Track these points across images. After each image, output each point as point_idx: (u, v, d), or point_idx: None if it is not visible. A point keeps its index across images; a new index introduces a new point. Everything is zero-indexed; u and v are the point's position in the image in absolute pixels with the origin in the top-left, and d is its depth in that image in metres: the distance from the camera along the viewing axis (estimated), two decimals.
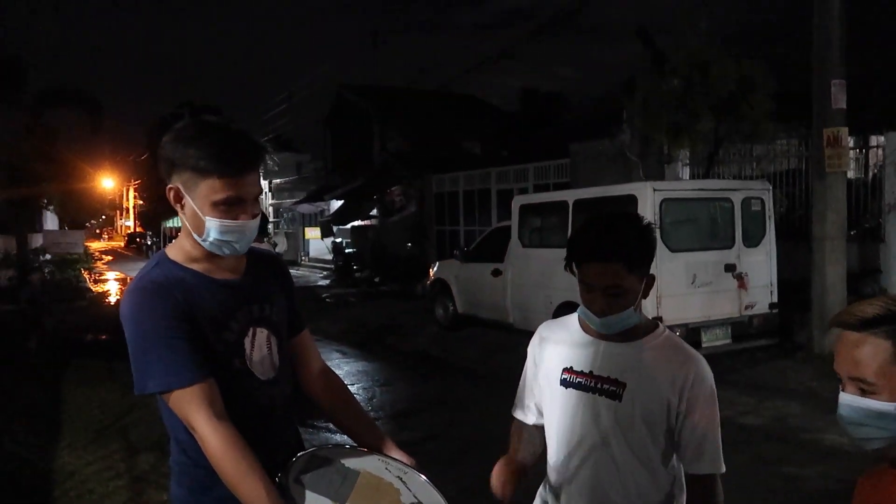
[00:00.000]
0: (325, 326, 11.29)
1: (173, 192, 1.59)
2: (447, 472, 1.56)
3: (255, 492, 1.44)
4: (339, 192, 22.08)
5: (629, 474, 1.74)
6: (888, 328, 1.15)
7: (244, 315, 1.65)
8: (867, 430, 1.17)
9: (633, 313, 1.71)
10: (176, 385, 1.49)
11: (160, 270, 1.61)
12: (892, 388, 1.15)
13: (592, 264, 1.67)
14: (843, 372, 1.19)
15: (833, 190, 7.68)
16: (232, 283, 1.67)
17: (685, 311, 6.97)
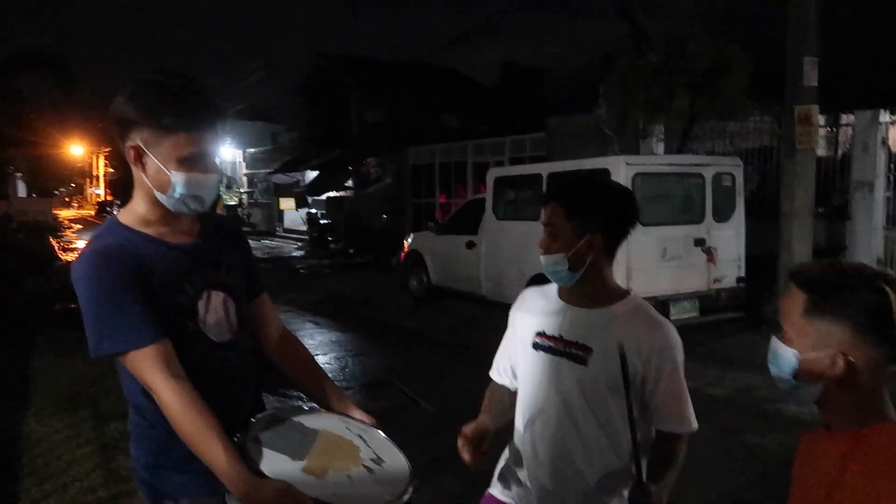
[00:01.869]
0: (298, 297, 11.27)
1: (133, 150, 1.57)
2: (418, 442, 1.59)
3: (212, 449, 1.45)
4: (314, 162, 21.89)
5: (591, 438, 1.79)
6: (809, 283, 1.20)
7: (198, 278, 1.65)
8: (773, 370, 1.27)
9: (565, 261, 1.77)
10: (131, 346, 1.50)
11: (111, 235, 1.60)
12: (800, 340, 1.22)
13: (548, 203, 1.82)
14: (779, 317, 1.26)
15: (802, 167, 7.80)
16: (186, 246, 1.66)
17: (655, 285, 7.07)
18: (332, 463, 1.58)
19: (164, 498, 1.62)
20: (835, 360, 1.18)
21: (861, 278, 1.18)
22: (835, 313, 1.18)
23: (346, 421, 1.77)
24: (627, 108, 10.55)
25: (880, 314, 1.15)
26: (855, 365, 1.17)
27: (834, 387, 1.20)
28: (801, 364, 1.21)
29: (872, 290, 1.16)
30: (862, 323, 1.16)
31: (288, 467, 1.52)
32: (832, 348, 1.18)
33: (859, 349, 1.17)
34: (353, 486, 1.53)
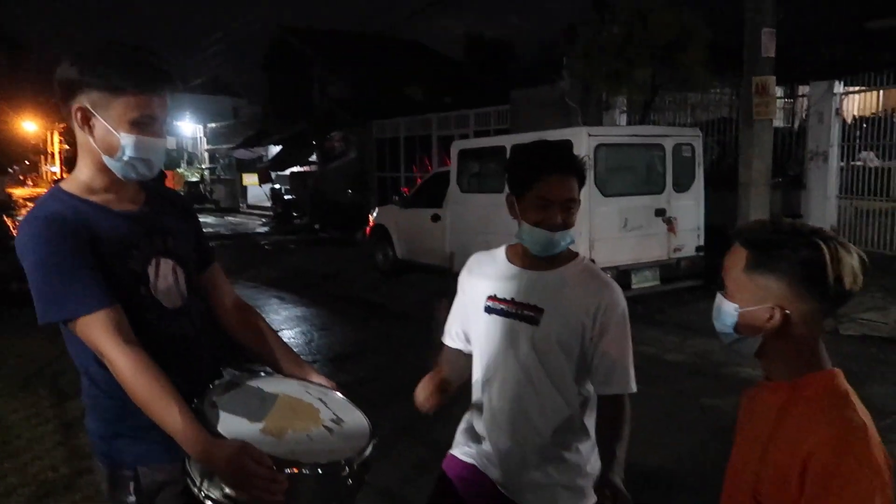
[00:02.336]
0: (263, 273, 11.18)
1: (80, 112, 1.54)
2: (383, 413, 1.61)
3: (168, 411, 1.44)
4: (277, 137, 21.57)
5: (545, 395, 1.83)
6: (750, 240, 1.25)
7: (146, 245, 1.64)
8: (717, 324, 1.34)
9: (573, 233, 1.81)
10: (81, 312, 1.47)
11: (56, 202, 1.57)
12: (740, 295, 1.27)
13: (554, 177, 1.74)
14: (722, 274, 1.30)
15: (760, 137, 7.95)
16: (132, 213, 1.64)
17: (616, 254, 7.18)
18: (291, 424, 1.58)
19: (122, 468, 1.61)
20: (772, 313, 1.23)
21: (798, 235, 1.22)
22: (773, 268, 1.23)
23: (305, 385, 1.78)
24: (590, 79, 10.60)
25: (815, 269, 1.19)
26: (791, 317, 1.22)
27: (772, 339, 1.26)
28: (741, 317, 1.27)
29: (808, 246, 1.20)
30: (798, 277, 1.21)
31: (246, 429, 1.52)
32: (770, 302, 1.23)
33: (795, 303, 1.22)
34: (312, 444, 1.54)
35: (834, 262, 1.18)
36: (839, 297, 1.21)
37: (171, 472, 1.58)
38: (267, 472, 1.38)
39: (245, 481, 1.38)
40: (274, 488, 1.38)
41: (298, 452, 1.47)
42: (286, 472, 1.40)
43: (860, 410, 1.18)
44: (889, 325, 6.60)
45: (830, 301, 1.22)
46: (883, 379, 5.27)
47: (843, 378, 1.24)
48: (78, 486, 3.51)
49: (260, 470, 1.37)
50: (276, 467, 1.40)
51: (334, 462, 1.48)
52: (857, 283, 1.20)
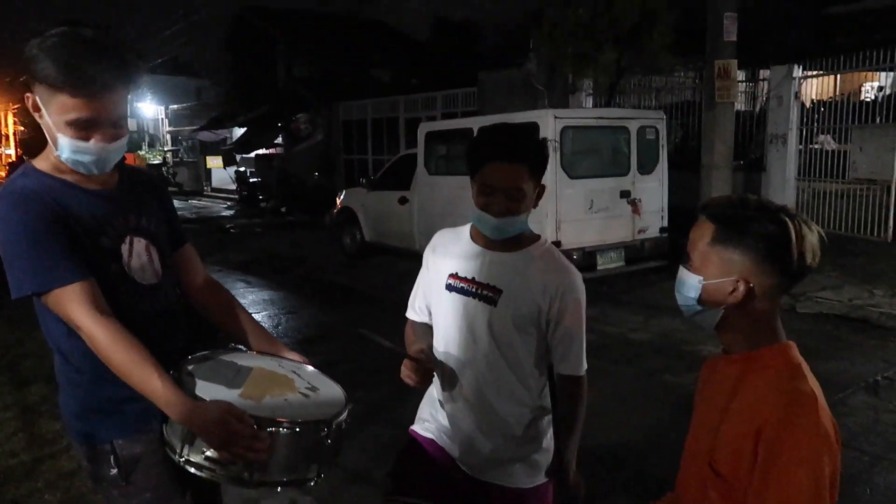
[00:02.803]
0: (229, 257, 11.04)
1: (31, 101, 1.53)
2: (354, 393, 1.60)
3: (147, 376, 1.45)
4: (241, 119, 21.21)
5: (502, 374, 1.86)
6: (717, 214, 1.28)
7: (120, 223, 1.64)
8: (679, 297, 1.36)
9: (526, 220, 1.80)
10: (55, 284, 1.47)
11: (28, 179, 1.56)
12: (704, 268, 1.30)
13: (497, 164, 1.73)
14: (686, 248, 1.33)
15: (721, 120, 8.09)
16: (104, 192, 1.64)
17: (582, 236, 7.27)
18: (268, 390, 1.62)
19: (99, 442, 1.62)
20: (736, 286, 1.26)
21: (764, 212, 1.26)
22: (738, 242, 1.26)
23: (278, 360, 1.81)
24: (556, 62, 10.63)
25: (780, 245, 1.23)
26: (754, 290, 1.26)
27: (733, 312, 1.30)
28: (705, 289, 1.30)
29: (774, 221, 1.24)
30: (762, 252, 1.24)
31: (225, 394, 1.54)
32: (734, 275, 1.27)
33: (758, 276, 1.26)
34: (290, 407, 1.58)
35: (798, 239, 1.22)
36: (800, 273, 1.25)
37: (148, 442, 1.61)
38: (249, 431, 1.41)
39: (228, 440, 1.40)
40: (256, 446, 1.41)
41: (278, 413, 1.51)
42: (267, 431, 1.44)
43: (811, 381, 1.23)
44: (843, 304, 6.81)
45: (791, 276, 1.26)
46: (837, 355, 5.45)
47: (796, 351, 1.29)
48: (39, 472, 3.46)
49: (243, 428, 1.40)
50: (257, 426, 1.43)
51: (313, 421, 1.52)
52: (815, 259, 1.24)
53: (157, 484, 1.62)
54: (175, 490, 1.65)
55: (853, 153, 8.95)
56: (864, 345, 5.77)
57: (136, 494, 1.62)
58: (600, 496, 2.81)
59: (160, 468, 1.61)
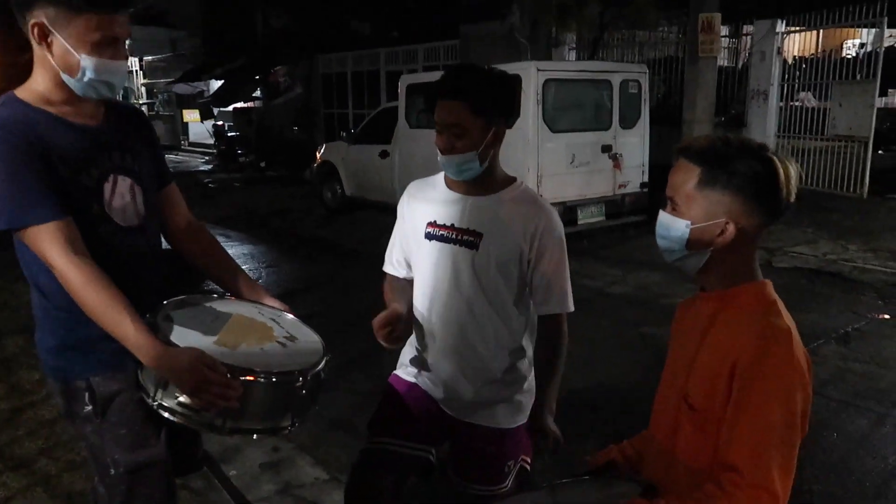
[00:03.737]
0: (208, 212, 10.89)
1: (38, 28, 1.46)
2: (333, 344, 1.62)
3: (120, 319, 1.44)
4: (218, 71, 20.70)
5: (486, 319, 1.87)
6: (701, 155, 1.26)
7: (104, 160, 1.60)
8: (665, 242, 1.33)
9: (475, 158, 1.77)
10: (31, 221, 1.44)
11: (8, 110, 1.51)
12: (691, 211, 1.28)
13: (441, 103, 1.76)
14: (667, 193, 1.32)
15: (704, 75, 8.07)
16: (90, 128, 1.60)
17: (563, 190, 7.28)
18: (244, 338, 1.61)
19: (75, 379, 1.62)
20: (725, 228, 1.25)
21: (748, 150, 1.24)
22: (725, 183, 1.24)
23: (258, 307, 1.79)
24: (539, 15, 10.47)
25: (766, 182, 1.22)
26: (742, 231, 1.25)
27: (719, 253, 1.28)
28: (693, 233, 1.28)
29: (760, 160, 1.23)
30: (749, 191, 1.23)
31: (199, 340, 1.53)
32: (722, 216, 1.25)
33: (746, 216, 1.25)
34: (266, 356, 1.57)
35: (786, 176, 1.22)
36: (783, 210, 1.25)
37: (124, 380, 1.60)
38: (222, 379, 1.41)
39: (200, 388, 1.40)
40: (228, 394, 1.41)
41: (252, 363, 1.50)
42: (241, 380, 1.43)
43: (786, 317, 1.25)
44: (818, 258, 6.94)
45: (775, 214, 1.26)
46: (809, 308, 5.57)
47: (771, 288, 1.30)
48: (20, 421, 3.46)
49: (214, 376, 1.40)
50: (231, 374, 1.42)
51: (288, 371, 1.52)
52: (793, 196, 1.24)
53: (131, 421, 1.62)
54: (150, 428, 1.65)
55: (833, 109, 8.99)
56: (837, 298, 5.90)
57: (110, 431, 1.62)
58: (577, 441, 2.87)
59: (135, 406, 1.61)
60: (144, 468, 1.64)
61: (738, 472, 1.15)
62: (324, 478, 3.08)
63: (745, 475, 1.14)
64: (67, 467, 2.98)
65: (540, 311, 1.89)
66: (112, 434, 1.62)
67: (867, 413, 3.81)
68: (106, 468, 1.63)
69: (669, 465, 1.32)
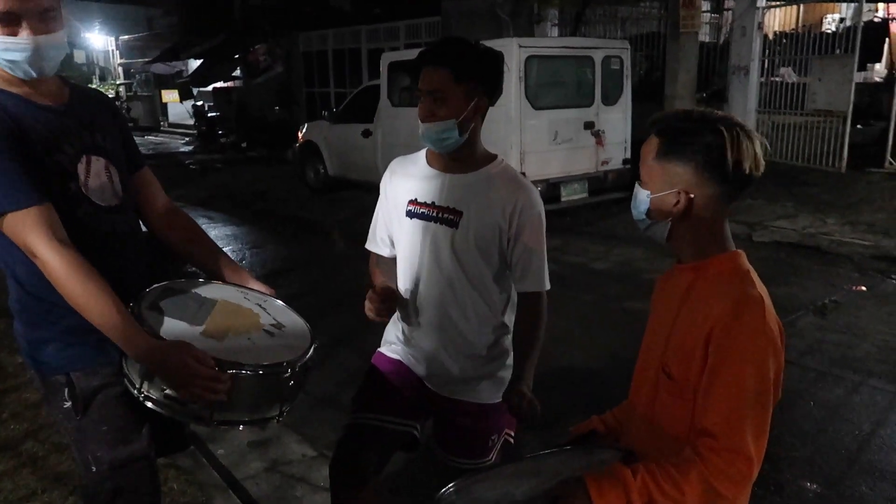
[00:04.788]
0: (190, 193, 10.80)
1: None
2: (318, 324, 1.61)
3: (105, 310, 1.41)
4: (197, 50, 20.33)
5: (467, 297, 1.89)
6: (662, 128, 1.30)
7: (75, 140, 1.56)
8: (635, 213, 1.39)
9: (454, 127, 1.78)
10: (10, 207, 1.40)
11: None
12: (651, 182, 1.33)
13: (424, 70, 1.78)
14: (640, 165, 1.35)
15: (685, 51, 8.08)
16: (56, 108, 1.56)
17: (546, 167, 7.29)
18: (231, 327, 1.58)
19: (54, 373, 1.58)
20: (679, 198, 1.29)
21: (704, 122, 1.27)
22: (680, 155, 1.28)
23: (243, 291, 1.76)
24: None
25: (716, 153, 1.25)
26: (695, 201, 1.29)
27: (679, 223, 1.32)
28: (652, 203, 1.32)
29: (712, 132, 1.25)
30: (701, 162, 1.27)
31: (186, 331, 1.51)
32: (676, 187, 1.29)
33: (699, 187, 1.28)
34: (253, 346, 1.55)
35: (733, 147, 1.24)
36: (739, 182, 1.27)
37: (106, 375, 1.57)
38: (209, 372, 1.39)
39: (187, 381, 1.38)
40: (216, 387, 1.40)
41: (240, 354, 1.48)
42: (229, 373, 1.42)
43: (758, 286, 1.28)
44: (797, 232, 7.03)
45: (731, 185, 1.28)
46: (788, 281, 5.66)
47: (744, 258, 1.34)
48: (4, 404, 3.44)
49: (202, 370, 1.38)
50: (219, 368, 1.41)
51: (276, 363, 1.50)
52: (757, 168, 1.26)
53: (113, 417, 1.58)
54: (132, 424, 1.61)
55: (811, 84, 9.05)
56: (815, 270, 6.00)
57: (91, 427, 1.58)
58: (560, 414, 2.92)
59: (117, 402, 1.57)
60: (128, 464, 1.61)
61: (714, 436, 1.19)
62: (311, 454, 3.10)
63: (720, 440, 1.18)
64: (54, 449, 2.98)
65: (518, 287, 1.91)
66: (94, 431, 1.58)
67: (843, 382, 3.90)
68: (88, 465, 1.60)
69: (649, 432, 1.36)
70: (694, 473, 1.17)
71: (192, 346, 1.41)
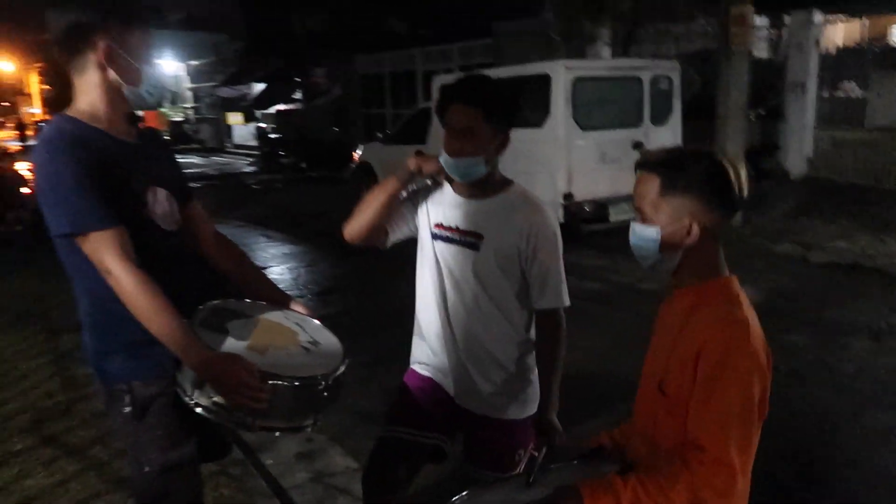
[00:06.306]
0: (250, 212, 11.26)
1: (104, 49, 1.66)
2: (363, 343, 1.73)
3: (168, 324, 1.58)
4: (260, 74, 21.21)
5: (490, 315, 2.00)
6: (659, 167, 1.39)
7: (144, 172, 1.76)
8: (641, 251, 1.45)
9: (482, 162, 1.91)
10: (92, 227, 1.57)
11: (66, 126, 1.67)
12: (659, 217, 1.41)
13: (455, 106, 1.88)
14: (635, 204, 1.44)
15: (736, 69, 7.98)
16: (129, 143, 1.76)
17: (594, 187, 7.32)
18: (272, 343, 1.76)
19: (118, 382, 1.74)
20: (690, 228, 1.38)
21: (699, 155, 1.38)
22: (684, 188, 1.37)
23: (284, 312, 1.94)
24: (572, 11, 10.49)
25: (719, 182, 1.36)
26: (706, 229, 1.38)
27: (689, 251, 1.41)
28: (664, 237, 1.40)
29: (710, 163, 1.36)
30: (706, 192, 1.36)
31: (234, 345, 1.68)
32: (686, 218, 1.38)
33: (706, 214, 1.37)
34: (291, 360, 1.72)
35: (736, 175, 1.35)
36: (737, 206, 1.38)
37: (161, 385, 1.73)
38: (255, 383, 1.55)
39: (235, 389, 1.55)
40: (259, 396, 1.56)
41: (279, 367, 1.64)
42: (269, 383, 1.58)
43: (746, 310, 1.36)
44: (854, 252, 6.83)
45: (731, 209, 1.39)
46: (843, 302, 5.52)
47: (737, 283, 1.42)
48: (74, 412, 3.72)
49: (249, 380, 1.54)
50: (261, 378, 1.57)
51: (311, 377, 1.66)
52: (745, 191, 1.37)
53: (167, 423, 1.75)
54: (183, 431, 1.78)
55: (871, 100, 8.80)
56: (871, 292, 5.83)
57: (146, 431, 1.74)
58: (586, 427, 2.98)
59: (171, 410, 1.74)
60: (177, 466, 1.77)
61: (701, 448, 1.27)
62: (353, 467, 3.24)
63: (707, 452, 1.26)
64: (117, 455, 3.21)
65: (537, 304, 2.00)
66: (149, 434, 1.75)
67: (894, 408, 3.81)
68: (141, 465, 1.77)
69: (649, 447, 1.44)
70: (681, 483, 1.25)
71: (240, 358, 1.58)
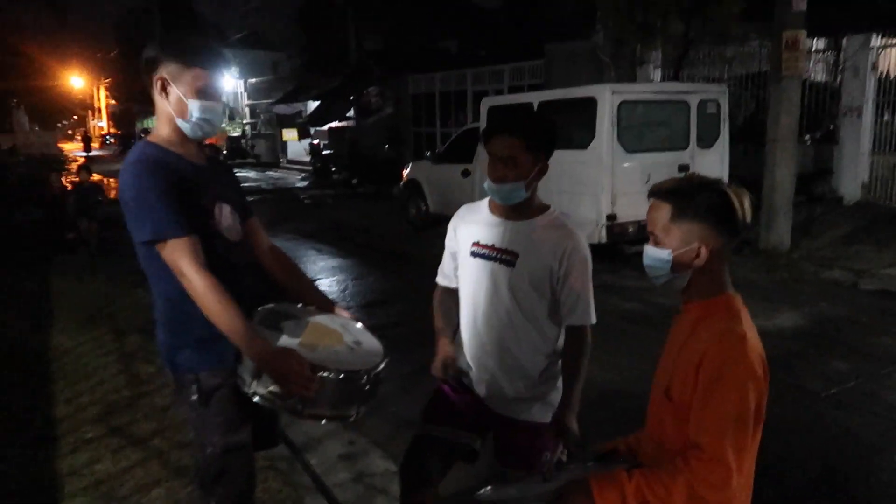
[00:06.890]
0: (302, 226, 11.64)
1: (161, 81, 1.93)
2: (408, 355, 1.87)
3: (234, 321, 1.82)
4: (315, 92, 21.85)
5: (522, 328, 2.17)
6: (670, 195, 1.54)
7: (212, 190, 2.02)
8: (653, 270, 1.62)
9: (523, 187, 2.09)
10: (171, 235, 1.83)
11: (150, 150, 1.95)
12: (670, 241, 1.57)
13: (498, 136, 2.08)
14: (648, 228, 1.60)
15: (788, 93, 7.94)
16: (200, 165, 2.04)
17: (638, 209, 7.36)
18: (321, 341, 1.99)
19: (187, 373, 2.00)
20: (698, 251, 1.54)
21: (706, 185, 1.54)
22: (693, 214, 1.54)
23: (331, 316, 2.19)
24: (622, 33, 10.58)
25: (724, 210, 1.52)
26: (713, 251, 1.53)
27: (698, 271, 1.57)
28: (675, 259, 1.57)
29: (716, 192, 1.52)
30: (712, 219, 1.52)
31: (288, 342, 1.93)
32: (695, 242, 1.54)
33: (714, 239, 1.54)
34: (337, 357, 1.95)
35: (740, 205, 1.49)
36: (743, 231, 1.53)
37: (224, 376, 1.98)
38: (306, 373, 1.78)
39: (289, 379, 1.77)
40: (310, 386, 1.79)
41: (327, 362, 1.87)
42: (318, 375, 1.81)
43: (745, 324, 1.51)
44: None
45: (736, 234, 1.54)
46: (889, 332, 5.44)
47: (739, 300, 1.57)
48: (139, 406, 4.02)
49: (302, 371, 1.78)
50: (312, 370, 1.80)
51: (355, 370, 1.89)
52: (750, 218, 1.52)
53: (227, 410, 1.99)
54: (240, 418, 2.02)
55: None
56: None
57: (210, 417, 1.99)
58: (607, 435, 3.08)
59: (231, 398, 1.98)
60: (235, 449, 2.02)
61: (700, 448, 1.42)
62: (392, 469, 3.41)
63: (706, 451, 1.41)
64: (177, 446, 3.47)
65: (566, 321, 2.16)
66: (212, 420, 1.99)
67: None
68: (204, 447, 2.02)
69: (657, 450, 1.59)
70: (681, 479, 1.39)
71: (294, 352, 1.81)
